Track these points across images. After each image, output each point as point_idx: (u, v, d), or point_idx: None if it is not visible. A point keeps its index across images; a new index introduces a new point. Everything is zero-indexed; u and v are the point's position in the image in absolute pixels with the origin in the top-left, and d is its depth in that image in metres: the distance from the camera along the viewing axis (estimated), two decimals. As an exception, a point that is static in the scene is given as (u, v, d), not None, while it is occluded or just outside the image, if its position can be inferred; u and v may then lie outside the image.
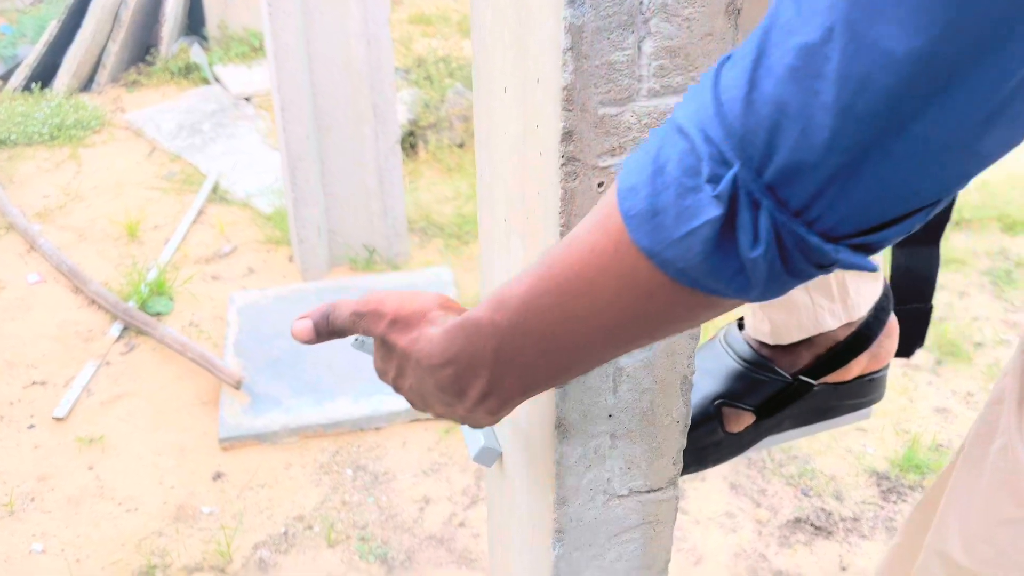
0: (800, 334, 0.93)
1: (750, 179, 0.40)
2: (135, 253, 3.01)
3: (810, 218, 0.40)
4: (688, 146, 0.41)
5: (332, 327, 0.65)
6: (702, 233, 0.41)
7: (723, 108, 0.40)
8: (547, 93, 0.55)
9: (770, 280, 0.42)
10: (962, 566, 1.04)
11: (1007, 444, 1.00)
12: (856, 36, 0.35)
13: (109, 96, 4.08)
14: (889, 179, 0.38)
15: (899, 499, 2.10)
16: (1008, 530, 1.00)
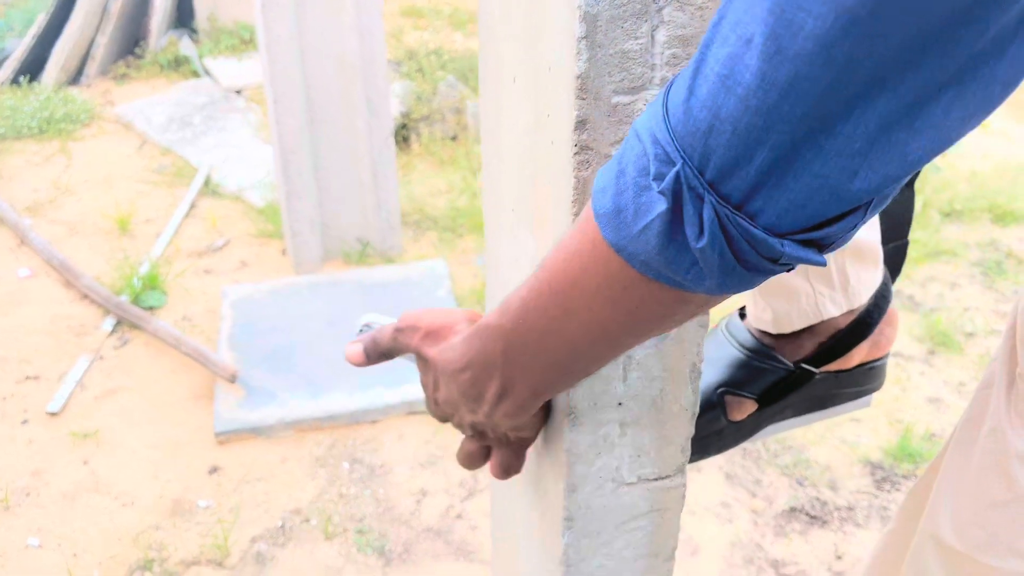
0: (802, 322, 0.94)
1: (692, 175, 0.43)
2: (127, 247, 3.00)
3: (751, 212, 0.43)
4: (641, 149, 0.45)
5: (379, 348, 0.70)
6: (654, 227, 0.45)
7: (668, 114, 0.44)
8: (560, 82, 0.55)
9: (724, 272, 0.45)
10: (955, 550, 1.05)
11: (996, 427, 1.01)
12: (780, 46, 0.38)
13: (98, 89, 4.05)
14: (822, 176, 0.41)
15: (893, 488, 2.12)
16: (999, 513, 1.01)
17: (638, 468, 0.72)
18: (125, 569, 1.93)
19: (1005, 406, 0.98)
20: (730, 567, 1.92)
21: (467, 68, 3.74)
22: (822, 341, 0.95)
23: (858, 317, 0.95)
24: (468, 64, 3.77)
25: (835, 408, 1.01)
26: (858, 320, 0.95)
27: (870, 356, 0.99)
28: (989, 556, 1.01)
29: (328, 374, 2.38)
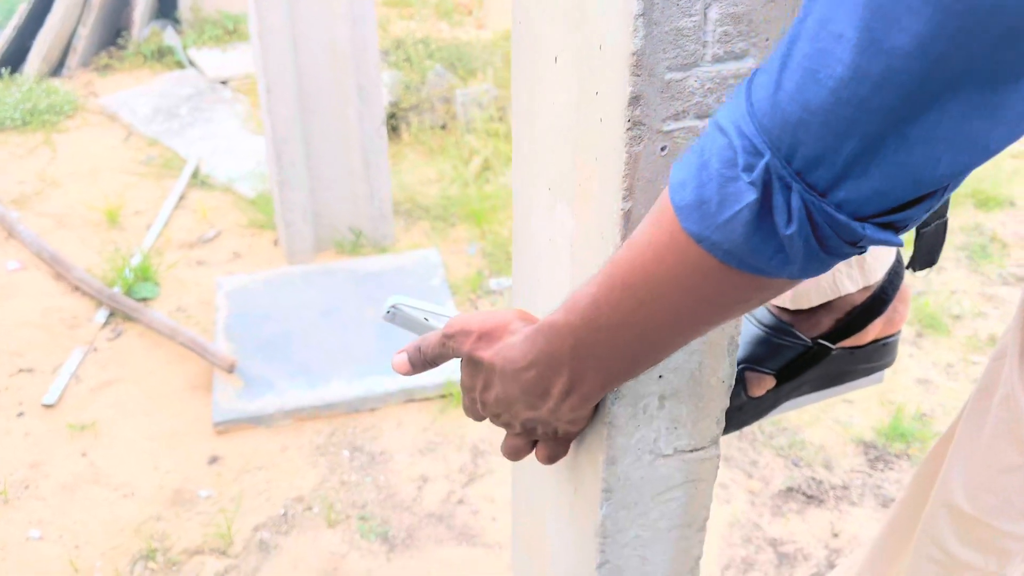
0: (819, 298, 0.96)
1: (780, 166, 0.45)
2: (116, 239, 2.98)
3: (837, 200, 0.45)
4: (726, 141, 0.47)
5: (425, 356, 0.72)
6: (742, 216, 0.47)
7: (753, 107, 0.45)
8: (613, 59, 0.57)
9: (808, 257, 0.47)
10: (967, 515, 1.09)
11: (1009, 394, 1.04)
12: (874, 40, 0.40)
13: (81, 80, 4.01)
14: (906, 164, 0.43)
15: (886, 467, 2.16)
16: (1011, 478, 1.04)
17: (675, 440, 0.74)
18: (128, 559, 1.92)
19: (1018, 374, 1.01)
20: (729, 546, 1.95)
21: (454, 57, 3.74)
22: (839, 317, 0.97)
23: (874, 293, 0.97)
24: (455, 53, 3.77)
25: (850, 384, 1.03)
26: (874, 296, 0.97)
27: (884, 332, 1.01)
28: (1001, 520, 1.05)
29: (326, 363, 2.38)
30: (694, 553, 0.82)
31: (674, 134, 0.58)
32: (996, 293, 2.77)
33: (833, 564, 1.91)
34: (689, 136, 0.58)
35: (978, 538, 1.09)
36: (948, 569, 1.13)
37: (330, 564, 1.92)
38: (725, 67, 0.57)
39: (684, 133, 0.58)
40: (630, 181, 0.59)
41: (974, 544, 1.10)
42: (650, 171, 0.59)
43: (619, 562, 0.80)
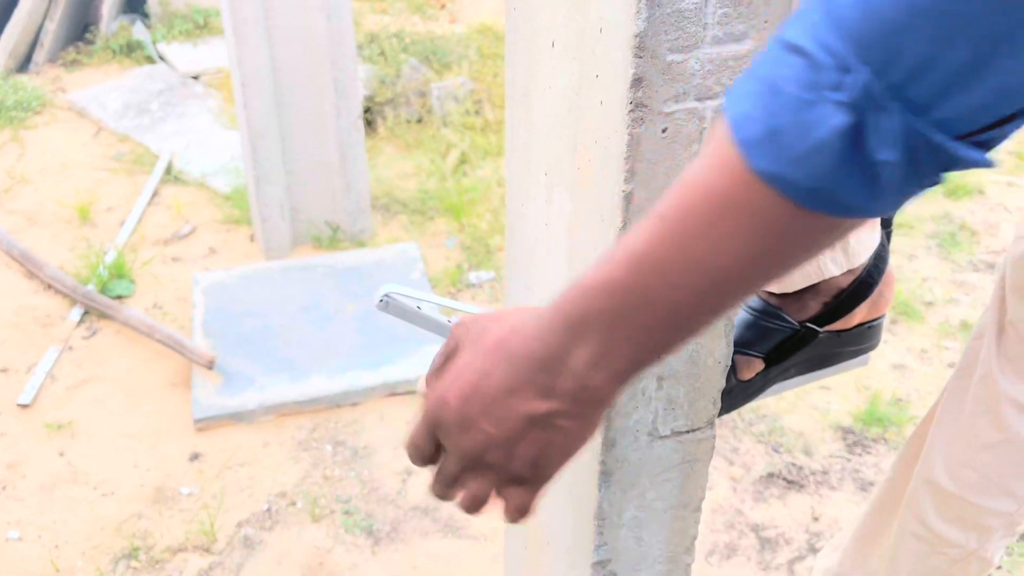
0: (804, 281, 0.97)
1: (876, 82, 0.40)
2: (89, 236, 2.94)
3: (937, 117, 0.40)
4: (805, 61, 0.41)
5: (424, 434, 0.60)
6: (829, 143, 0.41)
7: (839, 19, 0.40)
8: (614, 41, 0.57)
9: (899, 186, 0.43)
10: (949, 492, 1.11)
11: (987, 374, 1.07)
12: None
13: (48, 76, 3.94)
14: (1010, 74, 0.39)
15: (864, 451, 2.19)
16: (990, 454, 1.07)
17: (672, 421, 0.75)
18: (109, 558, 1.91)
19: (995, 354, 1.04)
20: (712, 532, 1.97)
21: (429, 51, 3.72)
22: (826, 301, 0.99)
23: (860, 277, 0.99)
24: (430, 47, 3.75)
25: (836, 366, 1.05)
26: (860, 280, 0.99)
27: (869, 316, 1.03)
28: (981, 496, 1.08)
29: (306, 358, 2.37)
30: (690, 533, 0.83)
31: (675, 115, 0.59)
32: (966, 280, 2.82)
33: (814, 548, 1.94)
34: (690, 117, 0.59)
35: (959, 515, 1.12)
36: (931, 545, 1.16)
37: (315, 559, 1.91)
38: (725, 48, 0.57)
39: (685, 114, 0.59)
40: (632, 163, 0.59)
41: (955, 521, 1.13)
42: (652, 152, 0.60)
43: (616, 544, 0.81)
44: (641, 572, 0.83)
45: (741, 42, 0.58)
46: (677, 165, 0.61)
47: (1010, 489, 1.07)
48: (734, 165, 0.44)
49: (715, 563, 1.91)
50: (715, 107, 0.59)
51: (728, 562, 1.91)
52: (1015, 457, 1.06)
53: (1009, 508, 1.09)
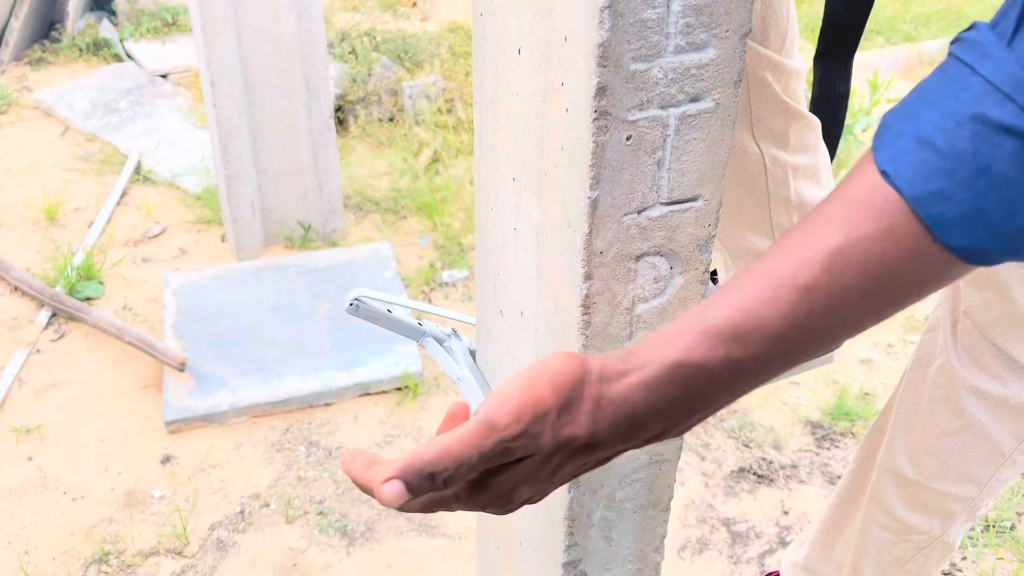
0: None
1: None
2: (57, 237, 2.90)
3: None
4: (1017, 144, 0.41)
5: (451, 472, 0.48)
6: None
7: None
8: (579, 50, 0.58)
9: None
10: (912, 479, 1.14)
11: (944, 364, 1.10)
12: None
13: (13, 75, 3.88)
14: None
15: (832, 445, 2.22)
16: (950, 441, 1.10)
17: (640, 422, 0.76)
18: (80, 563, 1.89)
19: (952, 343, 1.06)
20: (684, 527, 1.99)
21: (400, 49, 3.72)
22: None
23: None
24: (401, 45, 3.74)
25: (803, 364, 1.07)
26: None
27: (834, 313, 1.05)
28: (943, 482, 1.10)
29: (279, 359, 2.36)
30: (659, 532, 0.84)
31: (639, 123, 0.60)
32: (933, 275, 2.87)
33: (784, 541, 1.97)
34: (654, 125, 0.60)
35: (922, 501, 1.15)
36: (896, 534, 1.19)
37: (289, 560, 1.91)
38: (687, 57, 0.58)
39: (648, 122, 0.60)
40: (597, 170, 0.60)
41: (919, 507, 1.16)
42: (616, 160, 0.60)
43: (587, 544, 0.82)
44: (611, 571, 0.84)
45: (703, 51, 0.59)
46: (641, 172, 0.62)
47: (970, 474, 1.10)
48: (916, 237, 0.44)
49: (687, 558, 1.93)
50: (678, 115, 0.60)
51: (700, 556, 1.93)
52: (974, 443, 1.08)
53: (970, 493, 1.12)
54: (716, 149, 0.63)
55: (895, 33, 4.60)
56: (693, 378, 0.48)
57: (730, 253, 1.02)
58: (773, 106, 0.89)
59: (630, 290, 0.67)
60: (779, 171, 0.92)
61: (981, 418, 1.07)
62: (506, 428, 0.47)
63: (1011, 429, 1.06)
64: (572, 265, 0.65)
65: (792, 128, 0.91)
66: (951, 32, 4.62)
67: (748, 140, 0.91)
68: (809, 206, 0.97)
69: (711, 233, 0.67)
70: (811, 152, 0.95)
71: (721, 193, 0.66)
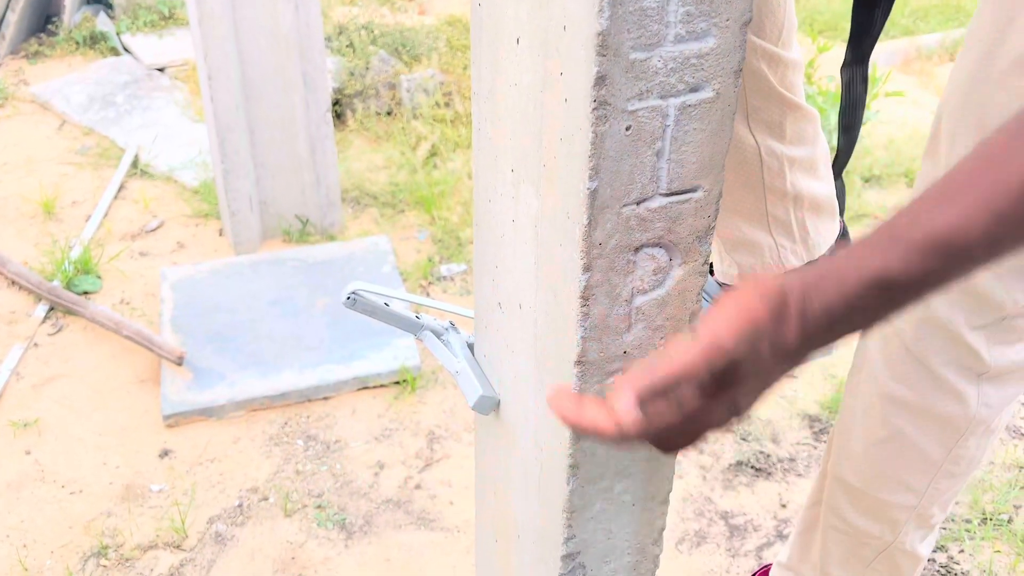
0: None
1: None
2: (54, 231, 2.90)
3: None
4: None
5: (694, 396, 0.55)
6: None
7: None
8: (578, 39, 0.58)
9: None
10: (855, 487, 1.13)
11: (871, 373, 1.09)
12: None
13: (10, 68, 3.87)
14: None
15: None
16: (881, 450, 1.09)
17: (639, 414, 0.76)
18: (79, 557, 1.89)
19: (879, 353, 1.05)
20: (683, 520, 2.00)
21: (398, 43, 3.71)
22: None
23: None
24: (399, 38, 3.73)
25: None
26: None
27: (832, 307, 1.04)
28: (882, 491, 1.09)
29: (277, 353, 2.36)
30: (658, 525, 0.84)
31: (638, 113, 0.59)
32: (931, 269, 2.87)
33: (782, 534, 1.97)
34: (653, 115, 0.60)
35: (868, 508, 1.14)
36: (851, 538, 1.18)
37: (287, 553, 1.91)
38: (687, 47, 0.58)
39: (648, 112, 0.60)
40: (596, 161, 0.60)
41: (867, 514, 1.15)
42: (615, 150, 0.60)
43: (585, 536, 0.82)
44: (610, 564, 0.84)
45: (703, 40, 0.58)
46: (641, 163, 0.61)
47: (907, 483, 1.09)
48: None
49: (685, 551, 1.93)
50: (678, 105, 0.60)
51: (698, 549, 1.93)
52: (904, 452, 1.07)
53: (910, 501, 1.10)
54: (716, 139, 0.63)
55: (893, 27, 4.59)
56: (890, 290, 0.52)
57: (724, 244, 1.02)
58: (769, 97, 0.89)
59: (629, 282, 0.67)
60: (775, 162, 0.92)
61: (904, 427, 1.05)
62: (735, 347, 0.53)
63: (936, 438, 1.05)
64: (571, 257, 0.65)
65: (788, 119, 0.91)
66: (949, 26, 4.62)
67: (744, 131, 0.90)
68: (806, 198, 0.97)
69: (711, 224, 0.67)
70: (808, 144, 0.95)
71: (721, 184, 0.65)
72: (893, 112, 3.69)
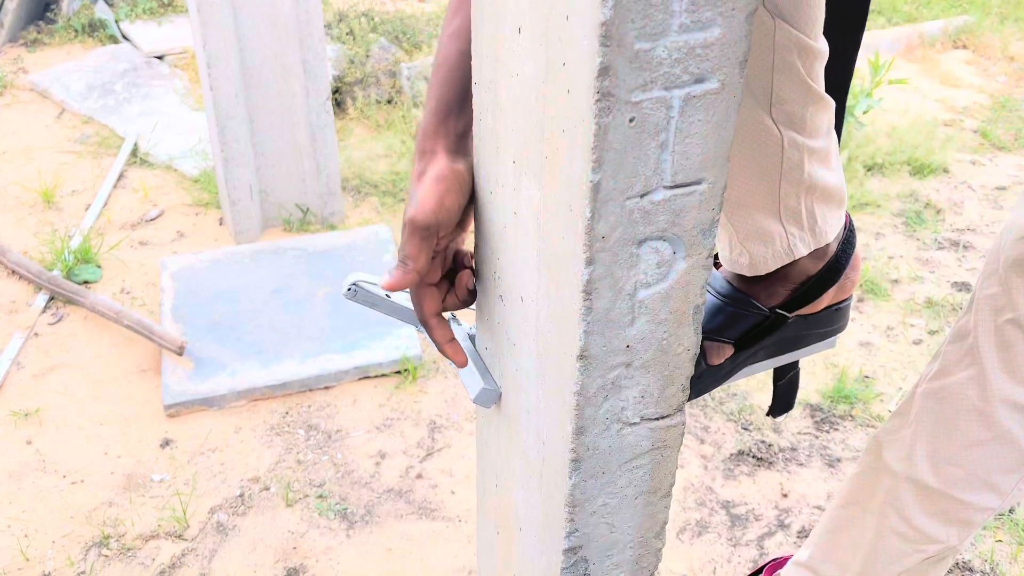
0: (775, 263, 0.98)
1: None
2: (54, 220, 2.89)
3: None
4: None
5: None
6: None
7: None
8: (581, 29, 0.57)
9: None
10: (933, 488, 1.13)
11: (976, 374, 1.07)
12: None
13: (8, 56, 3.85)
14: None
15: (831, 428, 2.22)
16: (977, 451, 1.09)
17: (642, 408, 0.75)
18: (80, 547, 1.89)
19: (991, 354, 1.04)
20: (684, 510, 2.00)
21: (399, 30, 3.68)
22: (795, 287, 1.00)
23: (828, 263, 1.00)
24: (399, 26, 3.71)
25: (805, 348, 1.06)
26: (828, 266, 1.00)
27: (836, 298, 1.04)
28: (967, 492, 1.09)
29: (278, 342, 2.35)
30: (660, 518, 0.84)
31: (642, 104, 0.58)
32: (931, 257, 2.86)
33: (783, 523, 1.97)
34: (657, 106, 0.59)
35: (943, 509, 1.13)
36: (912, 543, 1.17)
37: (289, 543, 1.91)
38: (692, 36, 0.57)
39: (652, 103, 0.59)
40: (599, 153, 0.59)
41: (939, 516, 1.14)
42: (619, 142, 0.59)
43: (587, 530, 0.81)
44: (612, 557, 0.84)
45: (709, 30, 0.57)
46: (644, 155, 0.60)
47: (995, 484, 1.09)
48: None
49: (686, 540, 1.93)
50: (683, 96, 0.59)
51: (699, 539, 1.93)
52: (1002, 452, 1.07)
53: (992, 503, 1.11)
54: (721, 131, 0.62)
55: (896, 13, 4.57)
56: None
57: (738, 234, 1.00)
58: (796, 88, 0.88)
59: (632, 275, 0.66)
60: (795, 153, 0.91)
61: (1012, 429, 1.05)
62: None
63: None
64: (573, 250, 0.64)
65: (810, 111, 0.90)
66: (952, 13, 4.59)
67: (768, 121, 0.89)
68: (819, 188, 0.96)
69: (715, 217, 0.66)
70: (823, 135, 0.94)
71: (726, 176, 0.65)
72: (896, 100, 3.67)
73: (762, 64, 0.85)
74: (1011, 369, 1.03)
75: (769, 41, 0.84)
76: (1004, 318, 1.03)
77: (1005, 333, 1.03)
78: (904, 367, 2.41)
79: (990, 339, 1.04)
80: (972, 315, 1.07)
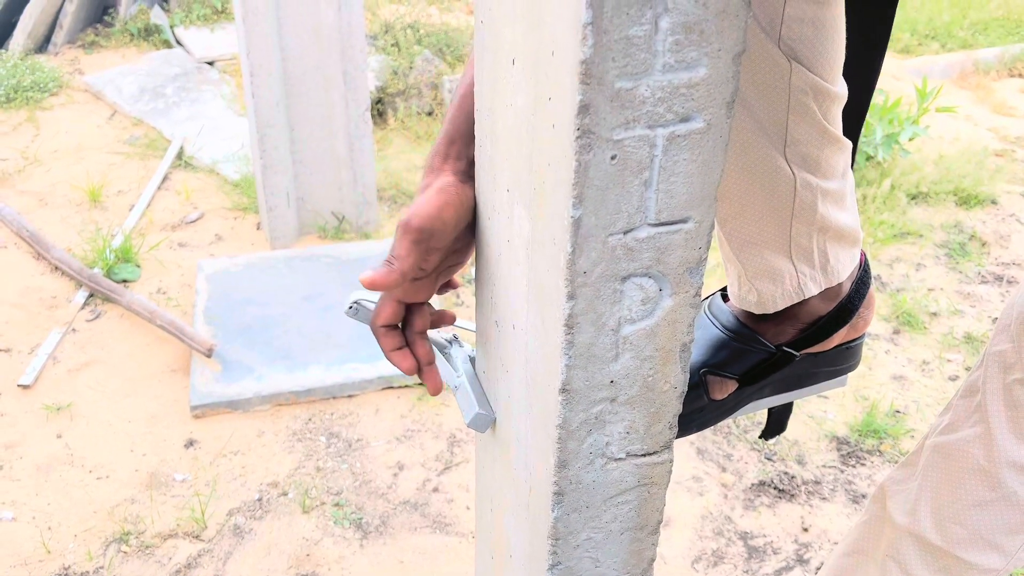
0: (784, 302, 0.96)
1: None
2: (98, 219, 2.96)
3: None
4: None
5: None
6: None
7: None
8: (563, 66, 0.56)
9: None
10: (936, 546, 1.09)
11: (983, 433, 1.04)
12: None
13: (66, 57, 3.97)
14: None
15: (858, 463, 2.17)
16: (981, 512, 1.05)
17: (627, 444, 0.74)
18: (101, 542, 1.93)
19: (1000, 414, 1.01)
20: (701, 539, 1.97)
21: (443, 43, 3.71)
22: (804, 327, 0.98)
23: (840, 303, 0.97)
24: (444, 39, 3.74)
25: (813, 386, 1.04)
26: (840, 306, 0.97)
27: (848, 337, 1.02)
28: (970, 552, 1.06)
29: (305, 349, 2.38)
30: (647, 555, 0.82)
31: (624, 143, 0.58)
32: (974, 291, 2.79)
33: (802, 558, 1.93)
34: (640, 144, 0.58)
35: (945, 567, 1.10)
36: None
37: (303, 550, 1.93)
38: (676, 76, 0.56)
39: (634, 141, 0.58)
40: (580, 189, 0.59)
41: (941, 573, 1.11)
42: (600, 179, 0.59)
43: (571, 564, 0.80)
44: (596, 592, 0.83)
45: (694, 70, 0.57)
46: (627, 192, 0.60)
47: (999, 545, 1.06)
48: None
49: (701, 570, 1.90)
50: (667, 135, 0.59)
51: (714, 569, 1.90)
52: (1007, 514, 1.04)
53: (996, 564, 1.07)
54: (708, 170, 0.61)
55: (951, 39, 4.47)
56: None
57: (746, 271, 0.99)
58: (812, 130, 0.86)
59: (616, 311, 0.65)
60: (809, 194, 0.90)
61: (1018, 490, 1.02)
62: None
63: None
64: (556, 284, 0.64)
65: (825, 152, 0.88)
66: (1009, 40, 4.48)
67: (781, 161, 0.88)
68: (832, 228, 0.94)
69: (702, 256, 0.65)
70: (839, 177, 0.92)
71: (713, 215, 0.64)
72: (945, 127, 3.60)
73: (777, 106, 0.84)
74: (1019, 431, 1.00)
75: (784, 83, 0.83)
76: (1013, 377, 1.00)
77: (1014, 393, 1.00)
78: (938, 403, 2.35)
79: (998, 398, 1.00)
80: (982, 370, 1.04)
